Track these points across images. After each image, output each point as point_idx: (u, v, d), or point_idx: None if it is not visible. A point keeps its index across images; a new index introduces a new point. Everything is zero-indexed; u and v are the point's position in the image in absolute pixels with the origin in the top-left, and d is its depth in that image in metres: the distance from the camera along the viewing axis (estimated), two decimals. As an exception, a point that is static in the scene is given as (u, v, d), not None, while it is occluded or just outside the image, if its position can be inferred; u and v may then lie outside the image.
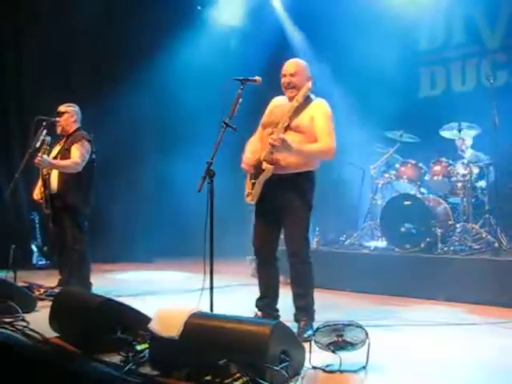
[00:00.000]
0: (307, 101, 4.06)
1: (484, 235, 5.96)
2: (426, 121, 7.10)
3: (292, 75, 4.13)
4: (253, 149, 4.25)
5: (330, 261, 6.35)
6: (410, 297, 5.53)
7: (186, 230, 8.88)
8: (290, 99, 4.14)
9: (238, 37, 8.58)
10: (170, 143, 9.02)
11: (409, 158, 6.63)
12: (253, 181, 4.11)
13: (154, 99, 9.22)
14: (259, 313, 4.28)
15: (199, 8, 9.25)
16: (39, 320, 4.10)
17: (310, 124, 4.04)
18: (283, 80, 4.17)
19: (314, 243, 6.89)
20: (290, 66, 4.19)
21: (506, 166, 6.32)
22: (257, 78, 4.11)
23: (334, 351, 3.27)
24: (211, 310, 3.69)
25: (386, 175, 6.72)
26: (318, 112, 4.08)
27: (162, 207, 9.17)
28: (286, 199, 4.07)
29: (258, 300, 4.33)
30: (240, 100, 3.99)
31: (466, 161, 6.17)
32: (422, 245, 5.93)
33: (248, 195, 4.17)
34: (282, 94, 4.27)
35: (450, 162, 6.34)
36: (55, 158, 5.59)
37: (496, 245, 5.73)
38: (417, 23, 8.24)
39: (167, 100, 9.20)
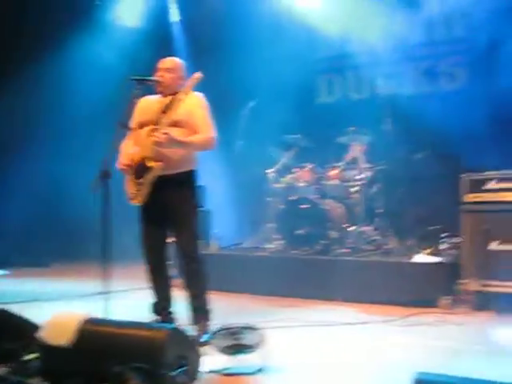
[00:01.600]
0: (183, 95, 4.03)
1: (376, 237, 6.20)
2: (323, 126, 7.28)
3: (165, 70, 4.16)
4: (129, 150, 4.17)
5: (229, 264, 6.36)
6: (307, 298, 5.65)
7: (82, 233, 8.59)
8: (161, 94, 4.17)
9: (135, 36, 8.41)
10: (65, 143, 8.69)
11: (306, 162, 6.78)
12: (139, 180, 4.04)
13: (48, 98, 8.84)
14: (156, 317, 4.21)
15: (98, 3, 8.98)
16: None
17: (188, 118, 4.09)
18: (156, 74, 4.16)
19: (212, 246, 6.88)
20: (164, 61, 4.22)
21: (398, 171, 6.60)
22: (155, 78, 4.08)
23: (231, 354, 3.27)
24: (106, 315, 3.57)
25: (284, 179, 6.83)
26: (195, 105, 4.14)
27: (58, 209, 8.81)
28: (174, 199, 4.07)
29: (154, 305, 4.26)
30: (136, 100, 3.94)
31: (360, 166, 6.39)
32: (318, 247, 6.08)
33: (134, 197, 4.09)
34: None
35: (345, 166, 6.56)
36: None
37: (387, 247, 6.01)
38: (315, 31, 8.45)
39: (61, 99, 8.86)
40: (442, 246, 5.83)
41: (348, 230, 6.30)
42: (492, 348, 3.93)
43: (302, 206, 6.24)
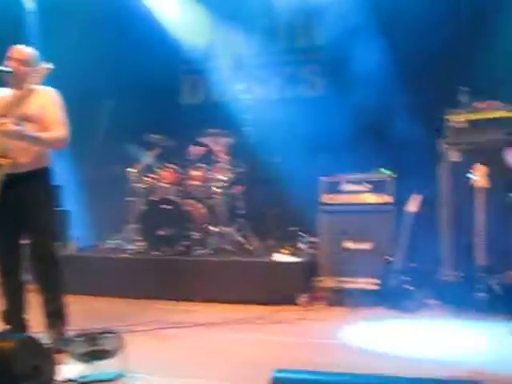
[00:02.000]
0: (36, 90, 3.87)
1: (238, 238, 6.29)
2: (186, 126, 7.23)
3: (18, 61, 3.91)
4: None
5: (88, 265, 6.12)
6: (169, 300, 5.58)
7: None
8: (12, 86, 3.92)
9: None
10: None
11: (169, 162, 6.71)
12: None
13: None
14: (6, 326, 3.93)
15: None
16: None
17: (40, 113, 3.89)
18: (7, 64, 3.92)
19: (70, 248, 6.60)
20: (17, 51, 3.97)
21: (259, 173, 6.74)
22: (11, 69, 3.82)
23: (88, 361, 3.13)
24: None
25: (146, 179, 6.70)
26: (49, 101, 3.96)
27: None
28: (28, 198, 3.86)
29: (4, 312, 3.98)
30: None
31: (223, 167, 6.45)
32: (180, 248, 6.04)
33: None
34: None
35: (208, 167, 6.58)
36: None
37: (248, 247, 6.13)
38: (179, 33, 8.38)
39: None
40: (300, 246, 6.04)
41: (210, 230, 6.32)
42: (343, 342, 4.12)
43: (164, 207, 6.16)
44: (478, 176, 4.92)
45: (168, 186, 6.53)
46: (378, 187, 5.67)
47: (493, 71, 6.08)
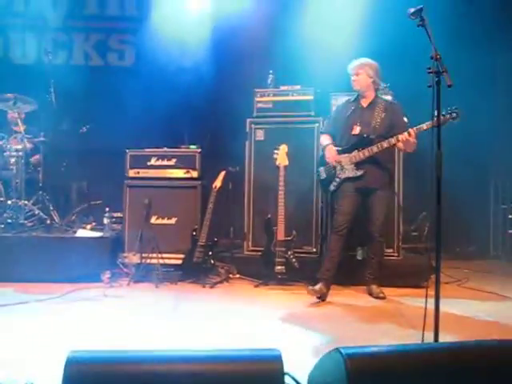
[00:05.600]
0: None
1: (37, 212, 5.89)
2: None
3: None
4: None
5: None
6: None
7: None
8: None
9: None
10: None
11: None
12: None
13: None
14: None
15: None
16: None
17: None
18: None
19: None
20: None
21: (61, 144, 6.35)
22: None
23: None
24: None
25: None
26: None
27: None
28: None
29: None
30: None
31: (19, 135, 5.97)
32: (-31, 222, 5.49)
33: None
34: None
35: (3, 135, 6.06)
36: None
37: (48, 222, 5.80)
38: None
39: None
40: (105, 221, 5.84)
41: (5, 203, 5.82)
42: (146, 318, 4.06)
43: None
44: (280, 154, 5.14)
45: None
46: (185, 162, 5.69)
47: (297, 59, 6.46)
